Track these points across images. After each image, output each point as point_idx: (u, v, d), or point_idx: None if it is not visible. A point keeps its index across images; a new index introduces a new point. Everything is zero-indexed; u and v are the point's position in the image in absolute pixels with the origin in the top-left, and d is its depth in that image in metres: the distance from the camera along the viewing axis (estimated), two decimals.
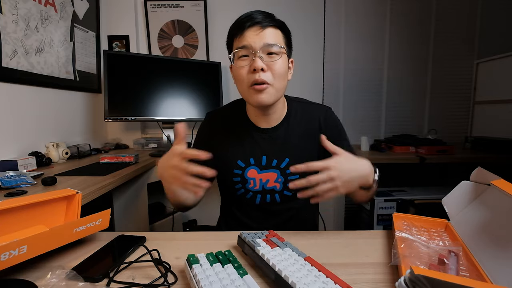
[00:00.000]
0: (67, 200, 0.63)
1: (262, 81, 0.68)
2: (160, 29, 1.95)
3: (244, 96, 0.75)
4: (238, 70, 0.71)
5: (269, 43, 0.69)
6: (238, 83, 0.73)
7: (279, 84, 0.71)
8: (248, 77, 0.70)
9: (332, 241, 0.61)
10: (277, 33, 0.72)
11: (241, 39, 0.70)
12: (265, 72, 0.69)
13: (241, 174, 0.79)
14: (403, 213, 0.66)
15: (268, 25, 0.70)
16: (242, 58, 0.70)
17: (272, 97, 0.71)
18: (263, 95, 0.70)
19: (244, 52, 0.70)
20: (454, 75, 2.06)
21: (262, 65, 0.68)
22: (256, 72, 0.68)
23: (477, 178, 0.60)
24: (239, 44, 0.70)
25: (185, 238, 0.64)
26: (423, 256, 0.48)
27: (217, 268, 0.44)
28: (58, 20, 1.45)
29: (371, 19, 2.03)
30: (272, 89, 0.70)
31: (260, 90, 0.69)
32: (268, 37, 0.69)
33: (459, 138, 2.02)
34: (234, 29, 0.72)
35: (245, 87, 0.71)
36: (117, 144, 1.86)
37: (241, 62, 0.70)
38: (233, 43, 0.73)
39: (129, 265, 0.50)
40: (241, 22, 0.70)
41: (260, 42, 0.68)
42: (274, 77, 0.70)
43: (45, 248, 0.48)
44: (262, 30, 0.69)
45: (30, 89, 1.29)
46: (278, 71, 0.70)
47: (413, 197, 1.60)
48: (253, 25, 0.69)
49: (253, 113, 0.81)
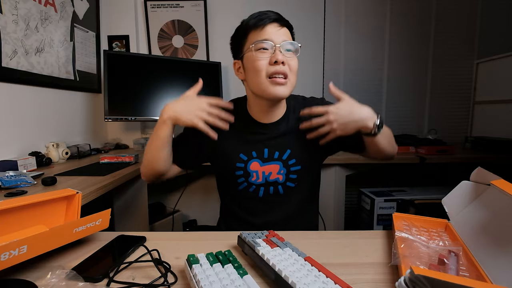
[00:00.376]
0: (67, 200, 0.63)
1: (283, 71, 0.71)
2: (160, 29, 1.95)
3: (259, 88, 0.73)
4: (256, 62, 0.72)
5: (289, 41, 0.72)
6: (254, 74, 0.73)
7: (294, 80, 0.75)
8: (269, 68, 0.71)
9: (332, 241, 0.61)
10: (290, 34, 0.76)
11: (262, 33, 0.72)
12: (285, 66, 0.71)
13: (243, 167, 0.80)
14: (403, 213, 0.66)
15: (284, 24, 0.74)
16: (261, 50, 0.72)
17: (287, 91, 0.74)
18: (282, 88, 0.72)
19: (264, 45, 0.71)
20: (454, 75, 2.07)
21: (284, 58, 0.70)
22: (277, 64, 0.70)
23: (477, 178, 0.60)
24: (259, 37, 0.72)
25: (185, 238, 0.64)
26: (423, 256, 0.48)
27: (217, 268, 0.44)
28: (58, 20, 1.45)
29: (371, 19, 2.03)
30: (289, 84, 0.73)
31: (280, 83, 0.71)
32: (286, 35, 0.73)
33: (459, 138, 2.02)
34: (252, 22, 0.73)
35: (263, 78, 0.72)
36: (117, 144, 1.86)
37: (262, 54, 0.72)
38: (248, 37, 0.74)
39: (129, 265, 0.50)
40: (260, 17, 0.72)
41: (280, 38, 0.72)
42: (291, 72, 0.73)
43: (45, 248, 0.48)
44: (280, 28, 0.73)
45: (30, 89, 1.29)
46: (294, 68, 0.73)
47: (413, 197, 1.60)
48: (273, 21, 0.72)
49: (256, 109, 0.81)
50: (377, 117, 0.72)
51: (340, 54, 2.07)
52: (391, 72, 2.07)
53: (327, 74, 2.07)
